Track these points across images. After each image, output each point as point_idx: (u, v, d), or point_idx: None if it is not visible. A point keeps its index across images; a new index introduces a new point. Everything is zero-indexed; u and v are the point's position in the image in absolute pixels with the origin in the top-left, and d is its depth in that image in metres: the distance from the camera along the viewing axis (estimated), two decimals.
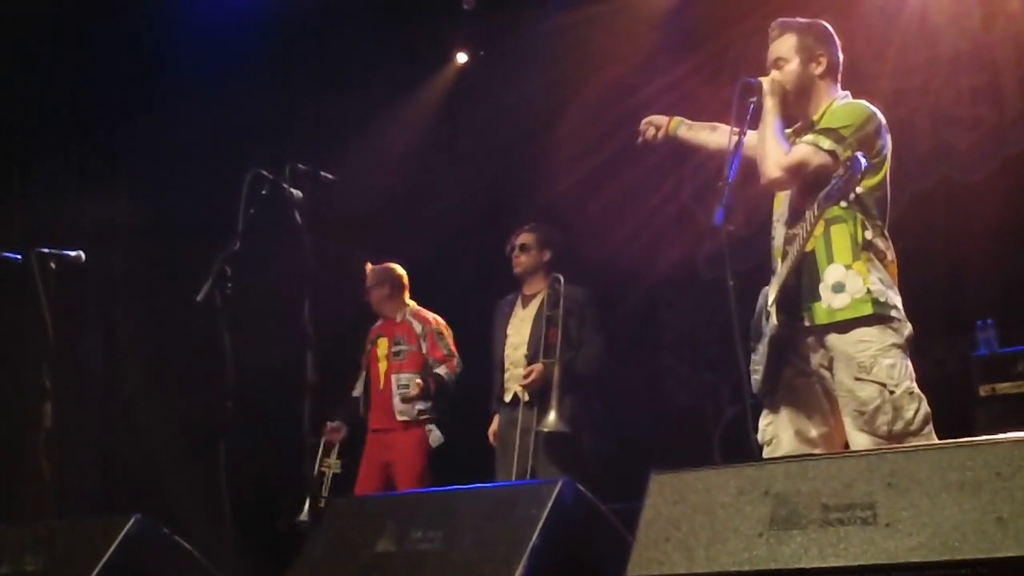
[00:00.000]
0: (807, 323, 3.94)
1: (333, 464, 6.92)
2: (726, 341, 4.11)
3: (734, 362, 4.00)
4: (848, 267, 3.88)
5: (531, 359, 6.09)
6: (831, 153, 3.87)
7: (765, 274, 4.21)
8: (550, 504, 3.41)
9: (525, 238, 6.36)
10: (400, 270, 7.05)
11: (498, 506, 3.59)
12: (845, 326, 3.86)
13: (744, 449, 4.11)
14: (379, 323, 7.08)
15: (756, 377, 4.05)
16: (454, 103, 8.72)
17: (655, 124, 4.51)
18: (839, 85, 4.17)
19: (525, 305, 6.35)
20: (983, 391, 5.99)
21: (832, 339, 3.89)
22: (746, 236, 4.64)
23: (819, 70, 4.12)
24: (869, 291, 3.84)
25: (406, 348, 6.85)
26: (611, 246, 7.72)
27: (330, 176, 5.01)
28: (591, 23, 7.77)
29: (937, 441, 3.77)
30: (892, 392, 3.78)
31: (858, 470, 2.90)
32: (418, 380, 6.70)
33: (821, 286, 3.90)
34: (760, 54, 4.29)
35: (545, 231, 6.42)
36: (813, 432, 4.03)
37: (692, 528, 3.07)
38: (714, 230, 3.94)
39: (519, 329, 6.27)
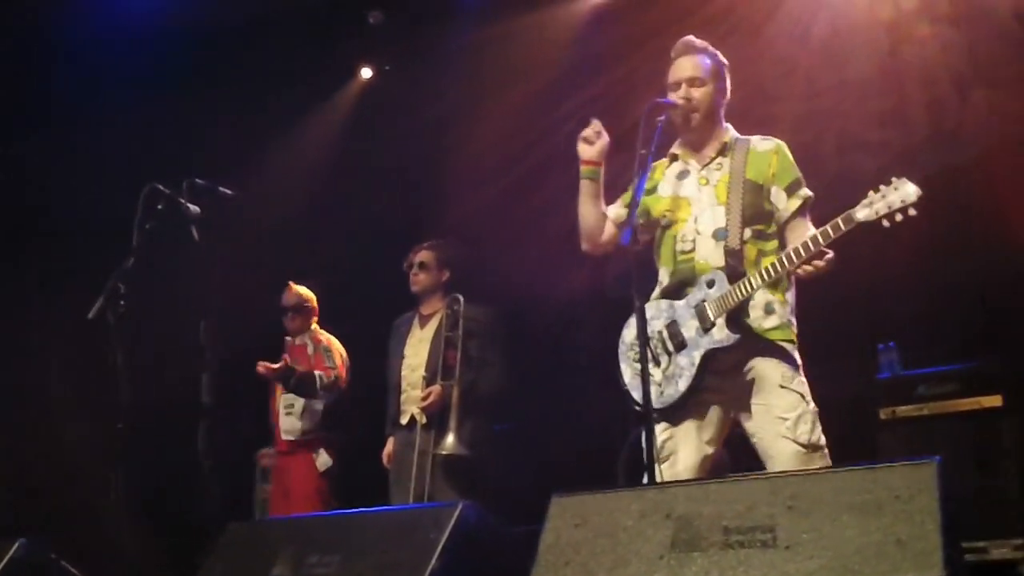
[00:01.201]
0: (743, 339, 4.05)
1: (268, 489, 6.85)
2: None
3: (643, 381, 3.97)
4: (773, 292, 4.12)
5: (429, 381, 5.94)
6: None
7: None
8: (450, 527, 3.36)
9: (424, 256, 6.23)
10: (309, 294, 7.01)
11: (398, 530, 3.53)
12: (771, 344, 4.08)
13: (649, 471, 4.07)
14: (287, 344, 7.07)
15: (670, 390, 4.06)
16: (360, 119, 8.62)
17: (597, 141, 4.38)
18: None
19: (423, 325, 6.20)
20: (884, 414, 6.05)
21: (758, 354, 4.06)
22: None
23: (724, 100, 4.34)
24: (790, 320, 4.15)
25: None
26: (520, 265, 7.68)
27: (229, 191, 4.92)
28: (500, 40, 7.75)
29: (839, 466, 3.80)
30: (808, 405, 4.03)
31: (760, 493, 2.89)
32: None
33: (752, 304, 4.08)
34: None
35: (445, 249, 6.30)
36: (709, 450, 4.13)
37: (593, 551, 3.03)
38: (621, 249, 4.02)
39: (417, 350, 6.11)
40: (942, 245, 6.26)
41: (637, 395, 4.05)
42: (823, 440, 4.00)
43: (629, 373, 4.18)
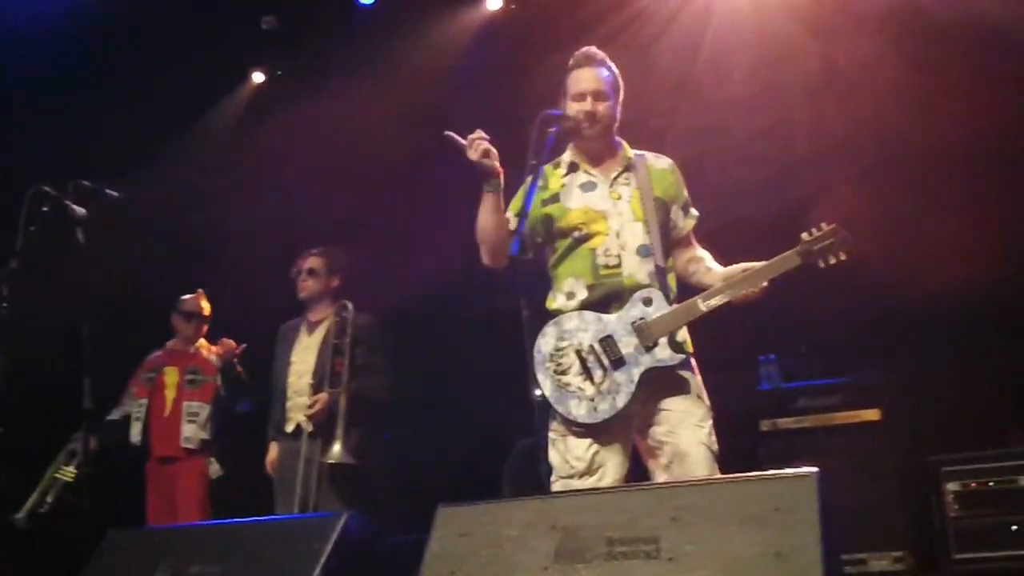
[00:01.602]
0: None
1: (67, 472, 6.59)
2: (521, 372, 4.09)
3: (527, 393, 3.99)
4: None
5: (316, 388, 5.86)
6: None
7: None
8: (334, 537, 3.34)
9: (313, 262, 6.16)
10: (206, 303, 6.95)
11: (281, 539, 3.50)
12: (686, 357, 4.17)
13: (534, 482, 4.09)
14: (161, 352, 6.98)
15: (605, 405, 4.04)
16: (252, 122, 8.52)
17: (489, 153, 4.27)
18: None
19: (311, 332, 6.12)
20: (765, 426, 6.16)
21: (677, 367, 4.12)
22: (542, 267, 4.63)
23: (619, 115, 4.37)
24: (687, 336, 4.24)
25: (202, 378, 6.77)
26: (409, 273, 7.66)
27: (115, 193, 4.83)
28: (394, 47, 7.73)
29: (721, 476, 3.87)
30: (711, 415, 4.15)
31: (644, 504, 2.92)
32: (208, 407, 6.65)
33: None
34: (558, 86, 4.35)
35: (334, 256, 6.23)
36: (627, 462, 4.14)
37: (479, 562, 3.04)
38: (511, 260, 3.98)
39: (304, 357, 6.03)
40: None
41: (562, 408, 4.06)
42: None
43: (550, 386, 4.11)
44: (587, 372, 4.08)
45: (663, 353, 4.04)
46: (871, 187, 6.59)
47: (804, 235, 4.00)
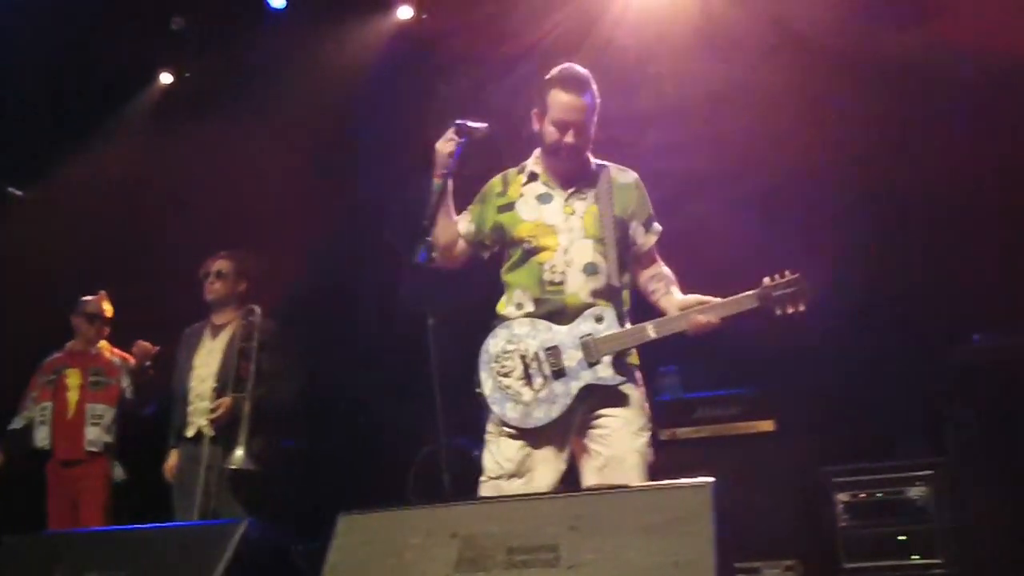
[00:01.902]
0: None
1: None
2: (427, 378, 4.10)
3: (430, 399, 4.01)
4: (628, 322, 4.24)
5: (220, 392, 5.77)
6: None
7: (468, 314, 4.28)
8: (234, 544, 3.32)
9: (222, 265, 6.08)
10: (108, 306, 6.85)
11: (181, 546, 3.47)
12: (631, 369, 4.22)
13: (439, 489, 4.10)
14: (61, 354, 6.86)
15: (540, 413, 4.09)
16: (159, 123, 8.41)
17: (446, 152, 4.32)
18: None
19: (214, 336, 6.04)
20: (664, 435, 6.25)
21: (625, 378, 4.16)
22: (449, 275, 4.65)
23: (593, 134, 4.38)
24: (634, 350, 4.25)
25: (105, 380, 6.67)
26: (318, 279, 7.63)
27: (19, 192, 4.76)
28: (306, 53, 7.69)
29: (621, 485, 3.91)
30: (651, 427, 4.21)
31: (545, 512, 2.95)
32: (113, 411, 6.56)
33: None
34: (473, 92, 4.36)
35: (242, 259, 6.16)
36: (564, 466, 4.17)
37: (380, 570, 3.05)
38: (416, 267, 3.98)
39: (207, 361, 5.94)
40: (725, 272, 6.53)
41: (497, 408, 4.12)
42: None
43: (491, 385, 4.16)
44: (528, 378, 4.12)
45: (605, 372, 4.07)
46: (772, 204, 6.74)
47: (766, 280, 4.03)
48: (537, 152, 4.38)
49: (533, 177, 4.35)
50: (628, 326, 4.16)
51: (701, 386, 6.46)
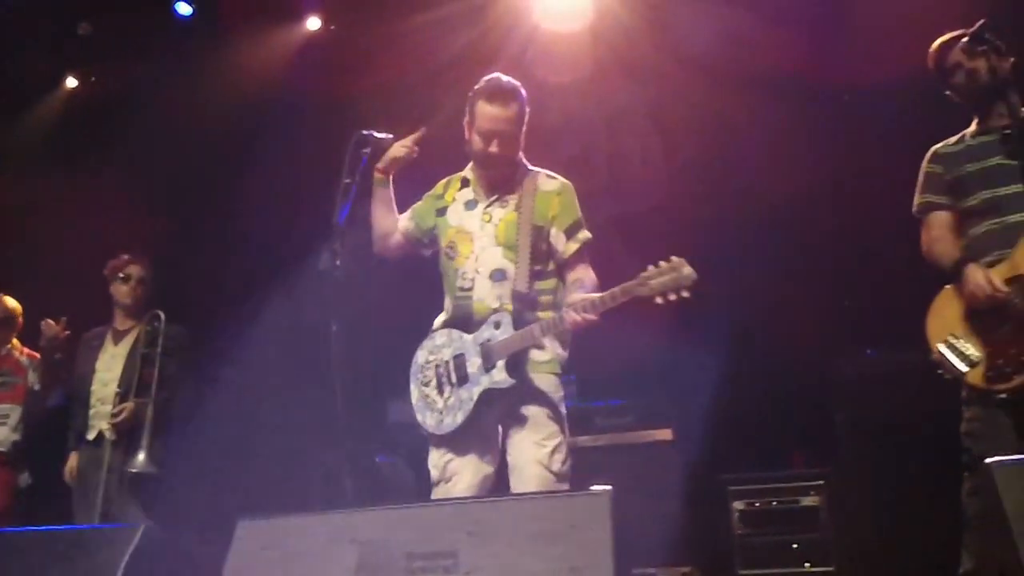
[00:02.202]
0: (528, 374, 4.17)
1: None
2: (329, 384, 4.10)
3: (330, 405, 4.01)
4: None
5: (123, 396, 5.76)
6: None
7: (373, 319, 4.29)
8: (132, 547, 3.30)
9: (131, 269, 6.06)
10: (17, 307, 6.68)
11: (76, 549, 3.43)
12: (542, 376, 4.21)
13: (341, 494, 4.10)
14: None
15: (449, 420, 4.15)
16: (64, 127, 8.28)
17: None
18: None
19: (117, 341, 6.02)
20: None
21: (535, 383, 4.17)
22: (353, 281, 4.65)
23: (522, 142, 4.42)
24: (560, 352, 4.30)
25: (12, 380, 6.52)
26: (221, 283, 7.56)
27: None
28: (212, 57, 7.63)
29: (517, 492, 3.99)
30: (564, 436, 4.20)
31: (443, 519, 2.99)
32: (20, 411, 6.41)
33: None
34: (380, 104, 4.37)
35: (147, 264, 6.14)
36: (488, 469, 4.21)
37: None
38: (321, 274, 4.02)
39: (110, 365, 5.93)
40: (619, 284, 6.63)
41: (420, 417, 4.23)
42: (569, 471, 4.16)
43: (416, 395, 4.27)
44: (440, 387, 4.21)
45: (499, 376, 4.09)
46: (663, 220, 6.85)
47: (651, 267, 3.88)
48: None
49: (465, 183, 4.44)
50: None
51: (599, 395, 6.52)
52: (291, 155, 7.15)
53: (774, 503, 5.96)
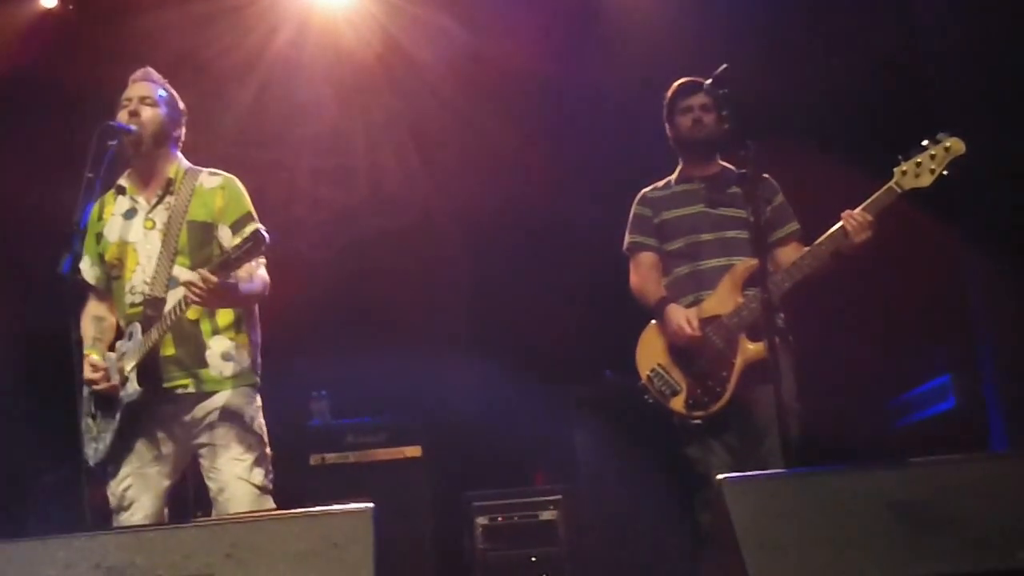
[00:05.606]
0: (192, 388, 3.95)
1: None
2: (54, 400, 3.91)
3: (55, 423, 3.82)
4: (233, 340, 4.05)
5: None
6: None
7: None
8: None
9: None
10: None
11: None
12: (232, 390, 4.01)
13: (76, 516, 3.89)
14: None
15: (101, 446, 3.92)
16: None
17: None
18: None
19: None
20: (314, 460, 6.22)
21: (220, 398, 3.97)
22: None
23: (177, 132, 4.20)
24: (253, 362, 4.11)
25: None
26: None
27: None
28: None
29: (277, 511, 3.86)
30: (265, 448, 4.03)
31: (198, 541, 2.87)
32: None
33: (208, 354, 4.00)
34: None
35: None
36: (167, 483, 4.01)
37: None
38: (60, 277, 3.75)
39: None
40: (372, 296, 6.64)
41: (85, 451, 3.94)
42: (271, 483, 4.03)
43: (84, 427, 4.00)
44: (93, 413, 3.99)
45: (131, 388, 3.89)
46: (422, 237, 6.88)
47: (235, 242, 3.80)
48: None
49: (121, 191, 4.18)
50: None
51: (351, 412, 6.48)
52: (25, 145, 6.65)
53: (515, 518, 6.05)
